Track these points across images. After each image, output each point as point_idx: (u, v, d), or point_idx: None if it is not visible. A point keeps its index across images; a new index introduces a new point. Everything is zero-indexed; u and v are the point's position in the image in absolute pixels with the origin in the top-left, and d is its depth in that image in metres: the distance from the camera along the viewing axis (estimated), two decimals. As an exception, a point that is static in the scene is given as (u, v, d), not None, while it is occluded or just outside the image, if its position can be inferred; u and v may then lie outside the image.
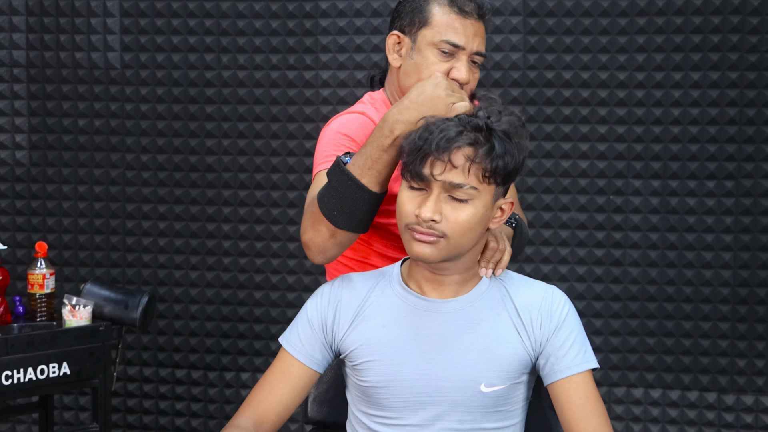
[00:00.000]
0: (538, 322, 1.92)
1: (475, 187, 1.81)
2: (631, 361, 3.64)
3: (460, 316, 1.93)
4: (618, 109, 3.57)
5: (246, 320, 3.81)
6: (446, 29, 2.20)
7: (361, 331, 1.96)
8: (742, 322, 3.57)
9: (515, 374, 1.92)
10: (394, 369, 1.92)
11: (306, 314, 2.02)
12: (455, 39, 2.20)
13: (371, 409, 1.98)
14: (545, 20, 3.57)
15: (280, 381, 1.98)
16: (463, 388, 1.90)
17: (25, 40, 3.81)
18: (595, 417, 1.88)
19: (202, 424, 3.85)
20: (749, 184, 3.53)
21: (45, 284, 3.11)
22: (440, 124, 1.83)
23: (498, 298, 1.95)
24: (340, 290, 2.01)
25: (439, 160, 1.80)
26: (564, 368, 1.90)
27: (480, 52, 2.24)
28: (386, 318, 1.96)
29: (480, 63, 2.26)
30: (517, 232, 2.21)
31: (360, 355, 1.96)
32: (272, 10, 3.69)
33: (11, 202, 3.87)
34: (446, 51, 2.20)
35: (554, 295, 1.96)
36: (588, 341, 1.96)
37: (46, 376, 2.92)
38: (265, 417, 1.96)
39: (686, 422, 3.62)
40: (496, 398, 1.91)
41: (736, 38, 3.49)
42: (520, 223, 2.23)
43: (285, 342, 2.02)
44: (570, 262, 3.63)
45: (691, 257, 3.58)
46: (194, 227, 3.81)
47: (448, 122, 1.83)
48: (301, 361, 1.98)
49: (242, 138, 3.75)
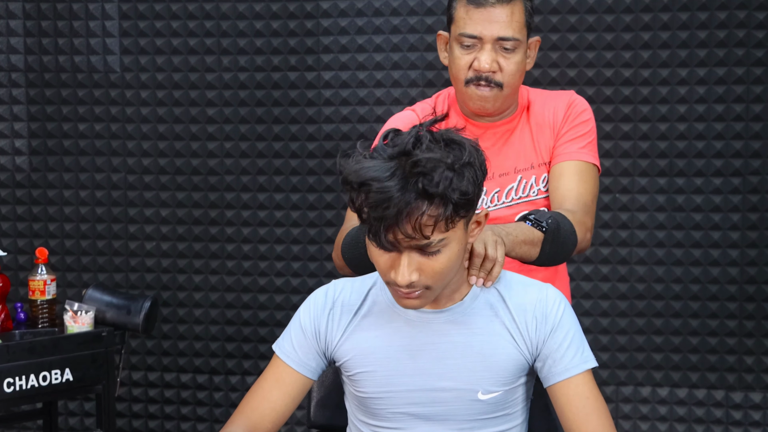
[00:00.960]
0: (533, 325, 1.89)
1: (443, 238, 1.71)
2: (638, 360, 3.62)
3: (454, 326, 1.89)
4: (623, 106, 3.55)
5: (250, 323, 3.79)
6: (463, 22, 2.31)
7: (355, 341, 1.93)
8: (750, 320, 3.55)
9: (512, 379, 1.90)
10: (389, 381, 1.90)
11: (299, 321, 1.99)
12: (470, 30, 2.29)
13: (369, 419, 1.96)
14: (549, 18, 3.55)
15: (274, 388, 1.96)
16: (460, 397, 1.88)
17: (23, 44, 3.79)
18: (597, 418, 1.85)
19: (208, 428, 3.84)
20: (756, 180, 3.51)
21: (46, 290, 3.10)
22: (378, 187, 1.65)
23: (491, 303, 1.91)
24: (333, 297, 1.98)
25: (399, 231, 1.67)
26: (562, 370, 1.87)
27: (504, 36, 2.28)
28: (379, 328, 1.92)
29: (514, 47, 2.31)
30: (549, 237, 2.15)
31: (354, 365, 1.93)
32: (273, 10, 3.67)
33: (12, 208, 3.85)
34: (467, 44, 2.31)
35: (548, 296, 1.91)
36: (585, 339, 1.93)
37: (48, 382, 2.91)
38: (259, 424, 1.94)
39: (694, 420, 3.60)
40: (495, 404, 1.89)
41: (743, 34, 3.46)
42: (552, 228, 2.16)
43: (278, 349, 1.99)
44: (576, 261, 3.61)
45: (698, 255, 3.56)
46: (197, 231, 3.80)
47: (384, 180, 1.64)
48: (295, 369, 1.96)
49: (244, 140, 3.73)
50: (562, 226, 2.17)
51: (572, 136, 2.41)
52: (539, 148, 2.43)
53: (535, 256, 2.14)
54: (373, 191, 1.65)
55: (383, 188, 1.64)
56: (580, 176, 2.37)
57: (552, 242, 2.15)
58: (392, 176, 1.64)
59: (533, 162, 2.42)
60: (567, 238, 2.19)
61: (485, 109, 2.39)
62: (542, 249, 2.13)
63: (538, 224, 2.14)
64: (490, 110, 2.39)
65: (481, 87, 2.33)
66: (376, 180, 1.64)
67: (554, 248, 2.16)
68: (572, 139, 2.41)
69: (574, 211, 2.28)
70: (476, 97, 2.36)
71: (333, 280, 2.03)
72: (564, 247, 2.19)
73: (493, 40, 2.29)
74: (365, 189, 1.66)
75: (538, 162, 2.42)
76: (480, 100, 2.36)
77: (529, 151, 2.43)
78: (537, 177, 2.41)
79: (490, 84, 2.33)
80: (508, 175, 2.42)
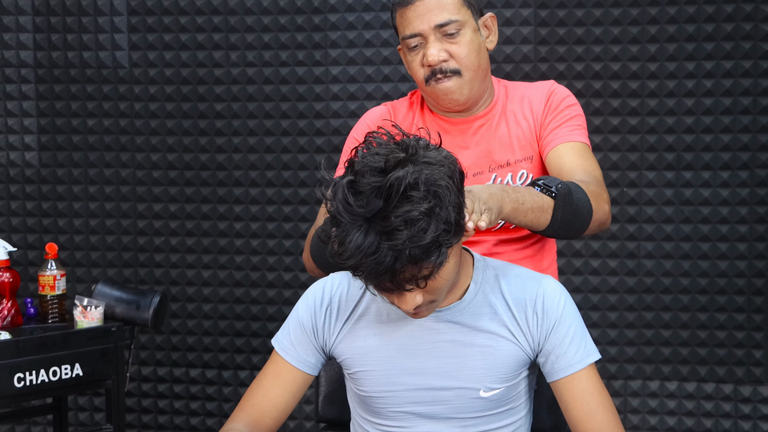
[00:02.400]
0: (534, 321, 1.87)
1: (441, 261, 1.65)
2: (646, 354, 3.62)
3: (453, 324, 1.88)
4: (630, 100, 3.54)
5: (260, 318, 3.80)
6: (402, 27, 2.28)
7: (353, 340, 1.93)
8: (758, 313, 3.55)
9: (514, 375, 1.89)
10: (389, 380, 1.90)
11: (297, 317, 1.99)
12: (408, 31, 2.26)
13: (371, 416, 1.96)
14: (556, 12, 3.55)
15: (274, 384, 1.97)
16: (461, 395, 1.87)
17: (33, 40, 3.80)
18: (602, 413, 1.84)
19: (218, 423, 3.85)
20: (764, 174, 3.50)
21: (56, 285, 3.10)
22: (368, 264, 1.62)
23: (490, 301, 1.89)
24: (330, 294, 1.96)
25: (397, 283, 1.66)
26: (566, 366, 1.86)
27: (440, 22, 2.24)
28: (378, 327, 1.92)
29: (458, 29, 2.24)
30: (560, 203, 2.04)
31: (353, 363, 1.93)
32: (280, 5, 3.68)
33: (21, 204, 3.86)
34: (414, 45, 2.27)
35: (548, 290, 1.89)
36: (587, 331, 1.90)
37: (58, 377, 2.91)
38: (261, 420, 1.95)
39: (703, 414, 3.60)
40: (497, 401, 1.89)
41: (750, 27, 3.46)
42: (563, 193, 2.05)
43: (277, 345, 1.99)
44: (584, 255, 3.61)
45: (706, 248, 3.56)
46: (206, 226, 3.80)
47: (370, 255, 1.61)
48: (294, 365, 1.96)
49: (252, 135, 3.74)
50: (574, 192, 2.06)
51: (560, 122, 2.31)
52: (516, 144, 2.33)
53: (545, 224, 2.04)
54: (364, 268, 1.62)
55: (373, 264, 1.61)
56: (580, 154, 2.28)
57: (563, 209, 2.04)
58: (377, 250, 1.60)
59: (509, 159, 2.32)
60: (581, 205, 2.07)
61: (456, 102, 2.30)
62: (553, 216, 2.04)
63: (547, 189, 2.04)
64: (462, 100, 2.30)
65: (440, 80, 2.26)
66: (363, 256, 1.60)
67: (566, 216, 2.05)
68: (560, 124, 2.31)
69: (587, 182, 2.18)
70: (441, 93, 2.28)
71: (331, 273, 2.02)
72: (578, 216, 2.07)
73: (432, 31, 2.23)
74: (356, 268, 1.64)
75: (515, 158, 2.32)
76: (446, 93, 2.28)
77: (505, 147, 2.33)
78: (513, 174, 2.31)
79: (446, 74, 2.25)
80: (482, 174, 2.31)
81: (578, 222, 2.08)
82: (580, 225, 2.09)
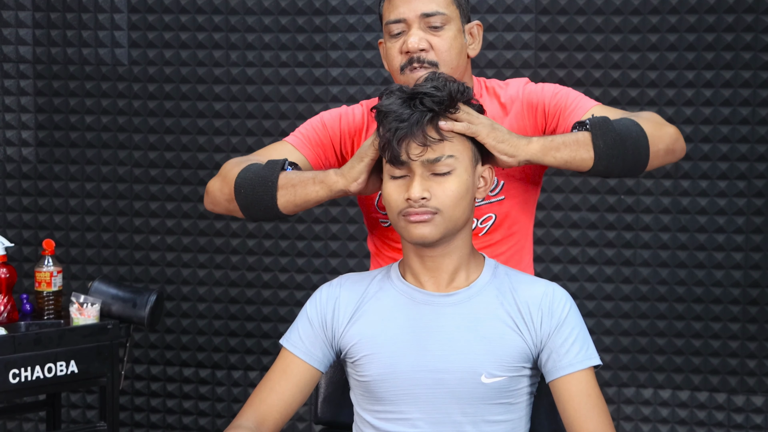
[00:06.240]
0: (539, 319, 1.92)
1: (452, 155, 1.87)
2: (640, 362, 3.62)
3: (459, 309, 1.94)
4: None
5: (254, 319, 3.80)
6: (388, 12, 2.24)
7: (360, 327, 1.97)
8: (753, 323, 3.56)
9: (516, 366, 1.92)
10: (392, 361, 1.93)
11: (306, 314, 2.04)
12: (393, 16, 2.22)
13: (374, 405, 1.98)
14: (557, 18, 3.55)
15: (281, 379, 1.99)
16: (463, 379, 1.90)
17: (32, 35, 3.80)
18: (597, 415, 1.88)
19: (210, 422, 3.84)
20: (761, 184, 3.51)
21: (52, 282, 3.10)
22: (395, 111, 1.88)
23: (498, 293, 1.95)
24: (339, 288, 2.04)
25: (413, 142, 1.86)
26: (566, 365, 1.90)
27: (427, 12, 2.19)
28: (384, 312, 1.97)
29: (443, 23, 2.20)
30: (597, 131, 1.99)
31: (359, 350, 1.97)
32: (281, 6, 3.68)
33: (18, 199, 3.85)
34: (396, 32, 2.22)
35: (555, 292, 1.96)
36: (590, 338, 1.96)
37: (53, 374, 2.91)
38: (268, 415, 1.97)
39: (695, 423, 3.61)
40: (498, 390, 1.91)
41: (750, 37, 3.47)
42: (597, 121, 1.99)
43: (285, 341, 2.03)
44: (580, 262, 3.62)
45: (702, 257, 3.57)
46: (202, 225, 3.80)
47: (399, 107, 1.89)
48: (302, 359, 1.99)
49: (251, 135, 3.74)
50: (612, 120, 1.98)
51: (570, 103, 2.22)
52: None
53: (589, 159, 1.99)
54: (388, 108, 1.89)
55: (400, 114, 1.86)
56: (609, 110, 2.18)
57: (603, 136, 1.98)
58: (403, 103, 1.88)
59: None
60: (625, 130, 1.99)
61: None
62: (595, 146, 1.98)
63: (580, 124, 2.03)
64: None
65: (416, 70, 2.19)
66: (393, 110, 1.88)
67: (610, 143, 1.98)
68: (573, 101, 2.22)
69: (631, 115, 2.10)
70: (413, 82, 2.15)
71: (338, 276, 2.08)
72: (627, 142, 1.99)
73: (418, 19, 2.18)
74: (384, 117, 1.89)
75: None
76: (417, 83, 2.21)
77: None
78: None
79: (423, 63, 2.18)
80: None
81: (631, 149, 2.02)
82: (635, 152, 2.03)
